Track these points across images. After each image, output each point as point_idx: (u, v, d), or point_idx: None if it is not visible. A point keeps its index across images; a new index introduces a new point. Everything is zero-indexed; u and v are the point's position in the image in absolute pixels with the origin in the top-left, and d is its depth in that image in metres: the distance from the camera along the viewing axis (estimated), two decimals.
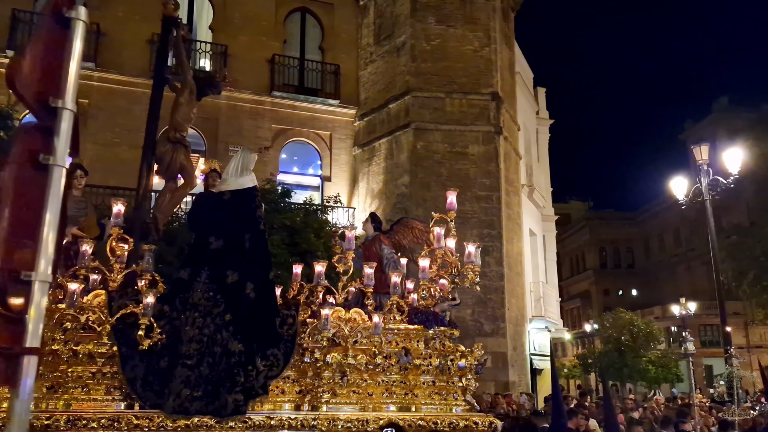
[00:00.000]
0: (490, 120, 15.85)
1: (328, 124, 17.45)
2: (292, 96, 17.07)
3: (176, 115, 6.14)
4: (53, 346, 4.12)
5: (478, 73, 16.10)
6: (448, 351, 4.96)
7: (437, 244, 5.26)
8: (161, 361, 4.36)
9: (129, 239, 4.64)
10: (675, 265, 43.88)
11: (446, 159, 15.63)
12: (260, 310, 4.67)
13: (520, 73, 19.40)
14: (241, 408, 4.31)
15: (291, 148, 17.98)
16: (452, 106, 15.88)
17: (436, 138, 15.70)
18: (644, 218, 48.95)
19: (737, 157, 14.72)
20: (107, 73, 15.47)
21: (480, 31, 16.30)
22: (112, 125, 15.37)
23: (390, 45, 16.87)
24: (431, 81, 15.99)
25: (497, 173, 15.62)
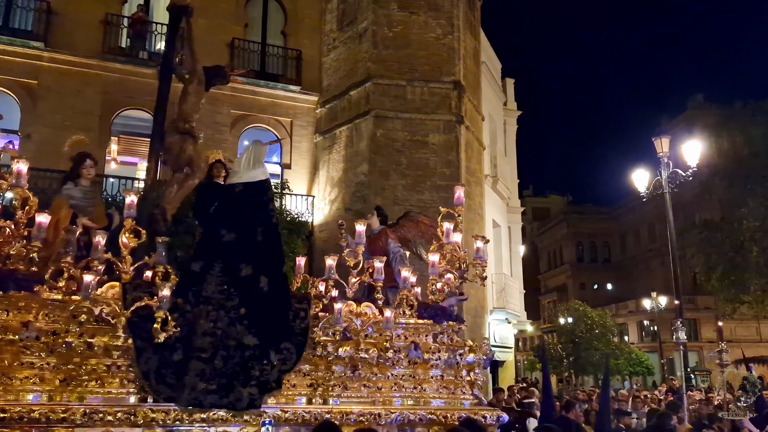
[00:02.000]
0: (452, 109, 15.64)
1: (289, 111, 17.15)
2: (253, 81, 16.71)
3: (184, 105, 6.07)
4: (67, 338, 4.05)
5: (441, 61, 15.87)
6: (456, 345, 5.02)
7: (446, 239, 5.28)
8: (174, 354, 4.33)
9: (142, 231, 4.55)
10: (649, 260, 44.18)
11: (406, 147, 15.41)
12: (274, 303, 4.67)
13: (486, 63, 19.19)
14: (256, 402, 4.33)
15: (251, 134, 17.64)
16: (413, 94, 15.64)
17: (396, 126, 15.46)
18: (621, 213, 49.20)
19: (696, 150, 14.64)
20: (58, 53, 15.03)
21: (443, 19, 16.06)
22: (63, 107, 14.96)
23: (352, 31, 16.59)
24: (392, 68, 15.74)
25: (457, 163, 15.43)
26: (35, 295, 4.14)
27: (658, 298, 33.13)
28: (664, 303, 33.07)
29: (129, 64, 15.62)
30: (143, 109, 16.09)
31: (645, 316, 39.01)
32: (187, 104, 6.07)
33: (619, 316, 38.54)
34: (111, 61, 15.49)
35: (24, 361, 4.03)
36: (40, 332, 4.03)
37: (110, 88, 15.51)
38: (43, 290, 4.17)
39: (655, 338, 36.34)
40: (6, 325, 3.99)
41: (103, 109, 15.46)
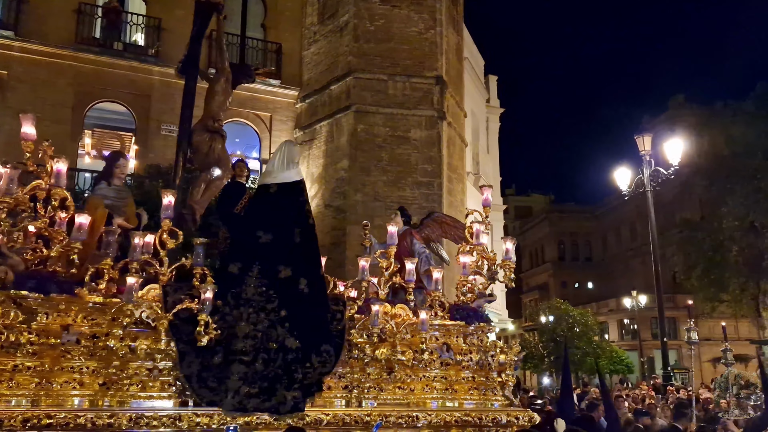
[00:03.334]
0: (434, 104, 15.44)
1: (268, 105, 16.83)
2: None
3: (212, 104, 5.96)
4: (108, 341, 3.99)
5: (423, 56, 15.66)
6: (487, 347, 5.04)
7: (476, 240, 5.28)
8: (215, 357, 4.28)
9: (179, 232, 4.45)
10: (630, 259, 44.45)
11: (387, 143, 15.18)
12: (314, 305, 4.62)
13: (468, 59, 19.04)
14: (300, 405, 4.28)
15: (230, 129, 17.27)
16: (395, 88, 15.41)
17: (378, 121, 15.22)
18: (602, 212, 49.47)
19: (678, 149, 14.62)
20: (29, 43, 14.56)
21: (425, 13, 15.85)
22: (34, 98, 14.47)
23: (333, 24, 16.31)
24: (374, 62, 15.50)
25: (439, 159, 15.24)
26: (76, 297, 4.07)
27: (638, 297, 33.32)
28: (644, 301, 33.28)
29: (103, 55, 15.22)
30: (118, 101, 15.71)
31: (625, 314, 39.25)
32: (214, 103, 6.01)
33: (599, 315, 38.71)
34: (84, 51, 15.07)
35: (64, 366, 3.97)
36: (81, 335, 3.98)
37: (83, 80, 15.09)
38: (83, 293, 4.10)
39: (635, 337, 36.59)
40: (47, 328, 3.94)
41: (75, 100, 15.03)
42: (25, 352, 3.87)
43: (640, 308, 33.35)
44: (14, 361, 3.86)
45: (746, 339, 33.07)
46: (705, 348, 35.99)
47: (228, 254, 4.84)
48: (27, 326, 3.91)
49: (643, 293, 33.30)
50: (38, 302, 4.00)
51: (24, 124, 4.64)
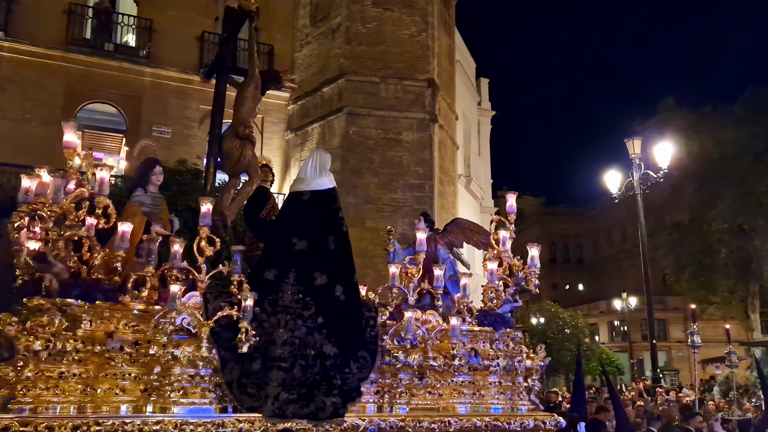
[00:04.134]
0: (425, 107, 15.50)
1: (260, 107, 16.76)
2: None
3: (242, 110, 5.96)
4: (151, 348, 4.04)
5: (415, 59, 15.71)
6: (514, 352, 5.10)
7: (503, 247, 5.35)
8: (253, 363, 4.32)
9: (216, 240, 4.48)
10: (621, 261, 44.68)
11: (379, 145, 15.21)
12: (350, 312, 4.68)
13: (460, 62, 19.10)
14: (339, 411, 4.33)
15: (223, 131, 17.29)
16: (387, 91, 15.45)
17: (370, 124, 15.25)
18: (593, 214, 49.71)
19: (668, 152, 14.72)
20: (19, 43, 14.48)
21: (417, 16, 15.91)
22: (23, 99, 14.44)
23: (326, 27, 16.33)
24: (366, 65, 15.53)
25: (431, 161, 15.29)
26: (120, 305, 4.14)
27: (628, 299, 33.50)
28: (634, 303, 33.46)
29: (93, 55, 15.17)
30: (108, 102, 15.64)
31: (615, 316, 39.45)
32: (244, 109, 6.00)
33: (590, 317, 38.88)
34: (74, 52, 15.01)
35: (108, 372, 4.02)
36: (124, 342, 4.03)
37: (73, 80, 15.03)
38: (126, 300, 4.15)
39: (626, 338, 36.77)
40: (92, 336, 3.99)
41: (65, 101, 14.96)
42: (71, 359, 3.91)
43: (630, 310, 33.53)
44: (60, 368, 3.91)
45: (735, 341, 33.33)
46: None
47: (262, 261, 4.84)
48: (72, 334, 3.94)
49: (633, 295, 33.48)
50: (83, 310, 4.04)
51: (66, 133, 4.64)
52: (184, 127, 15.83)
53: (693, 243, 28.99)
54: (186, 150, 15.44)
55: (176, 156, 12.29)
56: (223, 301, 4.36)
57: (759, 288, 28.23)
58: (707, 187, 29.14)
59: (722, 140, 28.48)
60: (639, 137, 15.07)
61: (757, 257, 27.26)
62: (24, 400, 3.80)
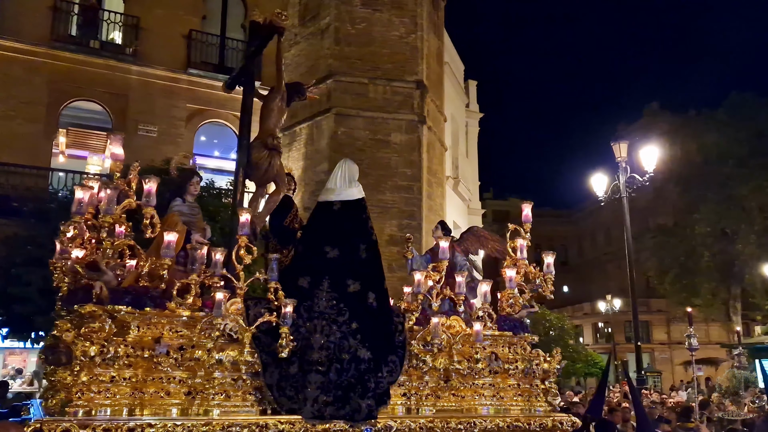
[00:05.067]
0: (414, 108, 15.46)
1: None
2: (211, 75, 16.23)
3: (269, 121, 6.07)
4: (196, 353, 4.20)
5: (404, 60, 15.66)
6: (531, 355, 5.34)
7: (520, 255, 5.58)
8: (291, 367, 4.50)
9: (253, 248, 4.69)
10: (605, 263, 45.08)
11: (368, 147, 15.15)
12: (381, 318, 4.88)
13: (449, 64, 19.14)
14: (374, 412, 4.55)
15: (210, 130, 17.18)
16: (375, 92, 15.40)
17: (358, 125, 15.20)
18: (579, 217, 50.15)
19: (653, 155, 14.86)
20: (3, 39, 14.29)
21: (406, 17, 15.87)
22: (7, 97, 14.25)
23: (314, 27, 16.26)
24: (355, 66, 15.47)
25: (419, 163, 15.26)
26: (167, 311, 4.34)
27: (612, 301, 33.80)
28: (618, 305, 33.76)
29: (79, 53, 15.01)
30: (94, 100, 15.48)
31: (600, 318, 39.81)
32: (271, 120, 6.08)
33: (575, 318, 39.16)
34: (60, 49, 14.84)
35: (155, 376, 4.21)
36: (170, 347, 4.20)
37: (58, 78, 14.85)
38: (172, 306, 4.33)
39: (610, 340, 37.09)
40: (140, 341, 4.19)
41: (50, 98, 14.78)
42: (122, 364, 4.09)
43: (614, 312, 33.80)
44: (111, 372, 4.10)
45: (717, 343, 33.76)
46: (677, 351, 36.65)
47: (295, 268, 5.02)
48: (123, 339, 4.15)
49: (617, 297, 33.77)
50: (133, 317, 4.25)
51: (113, 145, 4.85)
52: (170, 126, 15.71)
53: (676, 246, 29.37)
54: (172, 149, 15.30)
55: (162, 155, 12.17)
56: (263, 307, 4.56)
57: (740, 291, 28.67)
58: (691, 191, 29.53)
59: (705, 144, 28.86)
60: (625, 141, 15.16)
61: (739, 260, 27.69)
62: (80, 404, 3.98)
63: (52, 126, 14.88)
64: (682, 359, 35.40)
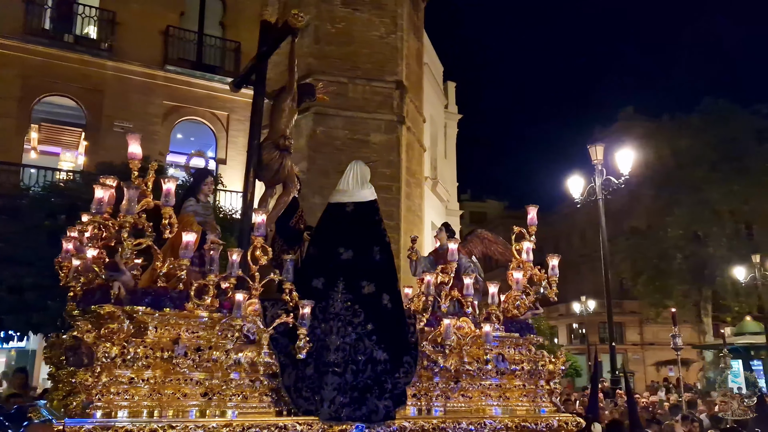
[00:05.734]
0: (394, 109, 15.48)
1: (226, 104, 16.56)
2: (188, 72, 16.07)
3: (280, 122, 6.06)
4: (213, 353, 4.19)
5: (383, 60, 15.67)
6: (537, 357, 5.41)
7: (527, 257, 5.66)
8: (307, 368, 4.50)
9: (269, 249, 4.72)
10: (580, 265, 45.53)
11: (346, 146, 15.11)
12: (396, 319, 4.89)
13: (428, 65, 19.18)
14: (391, 413, 4.56)
15: (187, 128, 16.97)
16: (355, 92, 15.37)
17: (337, 124, 15.15)
18: (555, 219, 50.52)
19: (629, 158, 15.08)
20: None
21: (387, 17, 15.89)
22: None
23: None
24: (334, 65, 15.42)
25: (398, 163, 15.28)
26: (186, 312, 4.32)
27: (587, 302, 34.20)
28: (592, 307, 34.16)
29: (53, 47, 14.70)
30: (68, 95, 15.19)
31: (574, 319, 40.24)
32: (282, 121, 6.07)
33: (550, 319, 39.49)
34: (33, 43, 14.51)
35: (172, 377, 4.19)
36: (189, 348, 4.19)
37: (31, 72, 14.53)
38: (191, 307, 4.32)
39: (584, 341, 37.53)
40: (159, 342, 4.17)
41: (22, 93, 14.46)
42: (140, 365, 4.07)
43: (588, 313, 34.19)
44: (131, 373, 4.08)
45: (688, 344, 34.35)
46: (649, 352, 37.26)
47: (307, 269, 5.01)
48: (141, 340, 4.12)
49: (592, 298, 34.17)
50: (152, 318, 4.23)
51: (131, 144, 4.78)
52: (147, 123, 15.46)
53: (650, 248, 29.79)
54: (149, 146, 15.01)
55: None
56: (280, 308, 4.56)
57: (711, 293, 29.21)
58: (664, 195, 30.00)
59: (679, 149, 29.36)
60: (601, 144, 15.35)
61: (710, 263, 28.19)
62: (100, 405, 3.97)
63: (24, 121, 14.56)
64: (654, 360, 35.97)
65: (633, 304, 36.18)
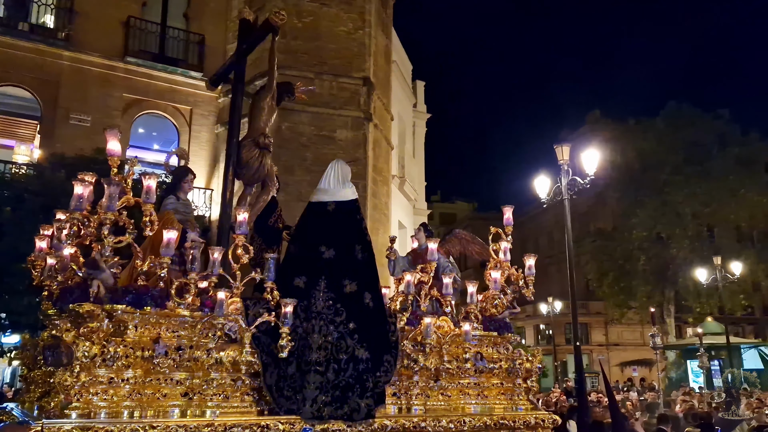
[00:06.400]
0: (361, 105, 15.31)
1: (189, 98, 16.12)
2: (149, 64, 15.58)
3: (260, 120, 6.04)
4: (195, 353, 4.17)
5: (351, 56, 15.49)
6: (514, 355, 5.49)
7: (504, 257, 5.75)
8: (288, 367, 4.50)
9: (250, 247, 4.69)
10: (547, 266, 45.95)
11: (312, 142, 14.88)
12: (377, 318, 4.92)
13: (396, 63, 19.04)
14: (372, 412, 4.60)
15: (148, 122, 16.48)
16: (321, 87, 15.09)
17: (303, 120, 14.89)
18: (522, 221, 50.88)
19: (595, 159, 15.15)
20: None
21: (355, 13, 15.70)
22: None
23: None
24: (301, 60, 15.15)
25: (365, 160, 15.10)
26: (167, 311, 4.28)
27: (553, 303, 34.48)
28: (559, 307, 34.46)
29: (6, 35, 14.09)
30: (22, 86, 14.60)
31: (541, 319, 40.55)
32: (261, 119, 6.06)
33: (517, 320, 39.76)
34: None
35: (152, 377, 4.14)
36: (169, 348, 4.16)
37: None
38: (172, 306, 4.28)
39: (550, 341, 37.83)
40: (139, 341, 4.12)
41: None
42: (120, 365, 4.02)
43: (555, 314, 34.47)
44: (110, 373, 4.03)
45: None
46: (614, 353, 37.78)
47: (289, 268, 4.99)
48: (122, 340, 4.07)
49: (558, 299, 34.46)
50: (132, 316, 4.17)
51: (109, 140, 4.62)
52: (105, 115, 14.93)
53: (615, 250, 30.14)
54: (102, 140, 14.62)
55: (95, 145, 11.57)
56: (262, 307, 4.54)
57: (674, 294, 29.70)
58: (629, 197, 30.40)
59: (644, 152, 29.80)
60: (568, 144, 15.39)
61: (673, 264, 28.68)
62: (79, 405, 3.92)
63: None
64: (619, 360, 36.48)
65: (598, 305, 36.60)
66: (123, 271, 4.61)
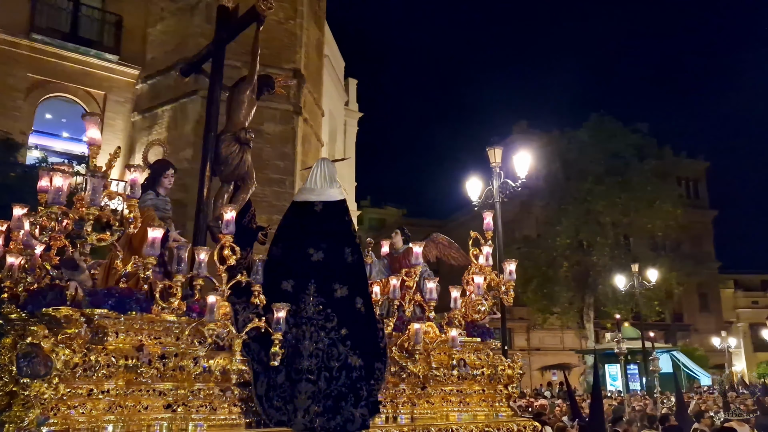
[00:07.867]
0: (290, 98, 14.68)
1: (103, 83, 14.97)
2: (59, 43, 14.34)
3: (239, 114, 5.81)
4: (181, 361, 3.89)
5: (281, 47, 14.84)
6: (496, 361, 5.44)
7: (486, 262, 5.65)
8: (278, 376, 4.29)
9: (236, 248, 4.42)
10: None
11: None
12: (368, 324, 4.72)
13: (329, 57, 18.52)
14: (367, 422, 4.39)
15: (57, 107, 15.16)
16: None
17: None
18: (452, 227, 51.41)
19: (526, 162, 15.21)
20: None
21: (286, 2, 15.10)
22: None
23: (184, 2, 14.97)
24: (228, 48, 14.24)
25: (293, 156, 14.50)
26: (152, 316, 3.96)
27: None
28: None
29: None
30: None
31: None
32: (241, 113, 5.84)
33: None
34: None
35: (134, 388, 3.82)
36: (153, 356, 3.85)
37: None
38: (157, 311, 3.98)
39: None
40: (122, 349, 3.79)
41: None
42: (101, 375, 3.67)
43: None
44: (90, 384, 3.67)
45: (570, 349, 35.91)
46: (535, 357, 38.61)
47: (275, 270, 4.66)
48: (103, 347, 3.74)
49: None
50: (113, 321, 3.81)
51: (89, 128, 4.16)
52: (7, 97, 13.63)
53: (539, 256, 30.77)
54: (8, 123, 13.29)
55: None
56: (251, 312, 4.32)
57: (594, 300, 30.62)
58: (553, 205, 31.18)
59: (568, 162, 30.64)
60: (500, 147, 15.36)
61: (593, 271, 29.56)
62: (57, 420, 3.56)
63: None
64: (540, 365, 37.29)
65: (522, 311, 37.28)
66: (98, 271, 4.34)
